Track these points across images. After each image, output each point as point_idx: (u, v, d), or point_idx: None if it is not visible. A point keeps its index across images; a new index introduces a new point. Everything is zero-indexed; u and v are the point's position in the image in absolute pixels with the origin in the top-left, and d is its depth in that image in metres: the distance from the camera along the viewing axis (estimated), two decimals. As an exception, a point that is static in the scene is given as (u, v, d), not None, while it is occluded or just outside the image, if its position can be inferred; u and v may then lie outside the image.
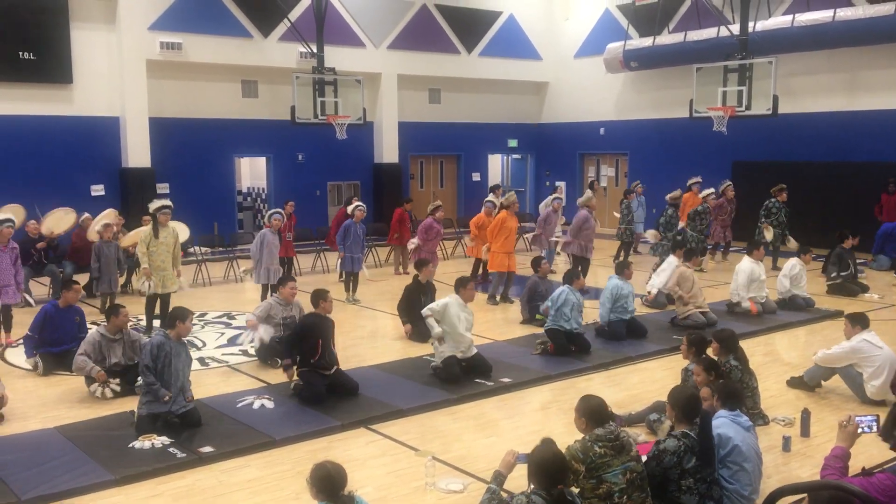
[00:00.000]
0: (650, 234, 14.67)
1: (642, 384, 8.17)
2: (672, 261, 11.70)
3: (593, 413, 4.74)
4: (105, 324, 8.12)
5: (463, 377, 8.06)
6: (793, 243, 14.30)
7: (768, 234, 14.69)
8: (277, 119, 18.20)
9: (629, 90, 21.62)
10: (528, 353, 9.19)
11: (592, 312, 10.54)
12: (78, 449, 6.33)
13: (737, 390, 5.57)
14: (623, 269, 10.27)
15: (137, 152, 17.05)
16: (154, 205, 10.40)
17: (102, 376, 7.71)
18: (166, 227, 10.37)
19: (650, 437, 6.37)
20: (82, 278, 12.73)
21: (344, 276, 13.03)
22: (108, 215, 13.14)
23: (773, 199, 14.91)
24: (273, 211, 12.23)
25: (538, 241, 14.47)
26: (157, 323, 10.46)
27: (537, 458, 4.22)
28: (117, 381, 7.77)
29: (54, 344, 8.60)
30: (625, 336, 9.74)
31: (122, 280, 12.75)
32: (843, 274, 12.85)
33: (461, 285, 8.42)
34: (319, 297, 7.91)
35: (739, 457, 5.09)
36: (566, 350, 9.06)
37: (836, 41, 16.43)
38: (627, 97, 21.69)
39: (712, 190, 15.55)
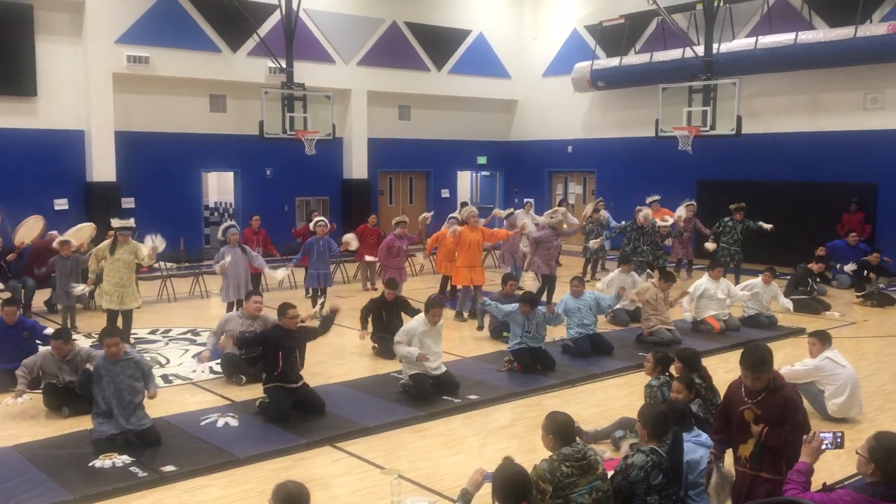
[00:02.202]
0: (592, 243, 15.17)
1: (608, 401, 8.21)
2: (615, 273, 12.12)
3: (560, 430, 4.73)
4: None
5: (432, 394, 8.05)
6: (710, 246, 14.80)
7: (710, 248, 14.91)
8: (245, 134, 18.10)
9: (596, 109, 21.86)
10: (494, 370, 9.20)
11: (558, 330, 10.57)
12: (36, 468, 6.21)
13: (685, 411, 5.63)
14: (570, 283, 10.34)
15: (102, 166, 16.86)
16: (116, 223, 10.28)
17: (20, 391, 7.59)
18: (126, 245, 10.18)
19: (615, 454, 6.40)
20: (46, 293, 12.62)
21: (311, 293, 12.96)
22: (84, 230, 12.95)
23: (727, 218, 15.10)
24: (227, 225, 12.03)
25: (504, 258, 14.52)
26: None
27: (500, 476, 4.22)
28: (29, 396, 7.63)
29: (2, 361, 8.45)
30: (590, 353, 9.79)
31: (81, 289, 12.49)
32: (802, 292, 13.07)
33: (428, 308, 8.34)
34: (279, 311, 7.86)
35: (706, 477, 5.15)
36: (532, 368, 9.09)
37: (797, 63, 16.79)
38: (595, 116, 21.93)
39: (681, 216, 15.73)
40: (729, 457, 5.21)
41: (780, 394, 4.92)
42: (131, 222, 10.46)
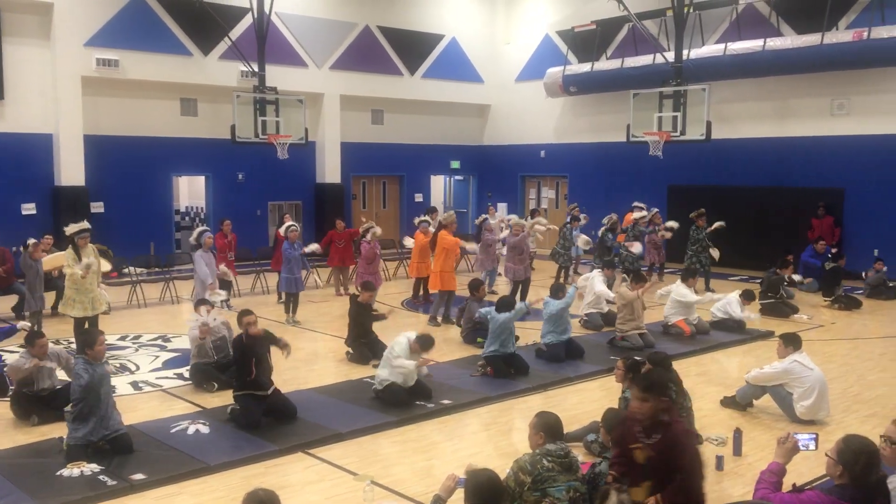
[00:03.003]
0: (581, 241, 15.50)
1: (581, 405, 8.24)
2: (595, 275, 12.26)
3: (549, 428, 4.86)
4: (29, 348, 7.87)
5: (405, 399, 8.03)
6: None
7: (714, 254, 15.00)
8: (217, 138, 17.98)
9: (568, 114, 22.00)
10: (468, 374, 9.20)
11: (534, 333, 10.61)
12: (3, 478, 6.10)
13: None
14: (557, 292, 10.35)
15: (71, 170, 16.65)
16: (71, 229, 9.92)
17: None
18: (87, 249, 10.00)
19: (588, 457, 6.43)
20: (11, 300, 12.43)
21: (284, 298, 12.88)
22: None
23: (694, 226, 15.24)
24: (201, 230, 11.94)
25: (480, 262, 14.56)
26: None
27: (472, 482, 4.24)
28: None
29: None
30: (564, 357, 9.83)
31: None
32: (771, 296, 13.24)
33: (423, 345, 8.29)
34: (237, 319, 7.81)
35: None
36: (505, 373, 9.11)
37: (765, 70, 17.03)
38: (567, 121, 22.06)
39: (644, 213, 15.86)
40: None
41: (670, 432, 4.51)
42: (86, 224, 10.21)
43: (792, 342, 7.79)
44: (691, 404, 7.05)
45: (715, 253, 14.98)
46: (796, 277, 14.21)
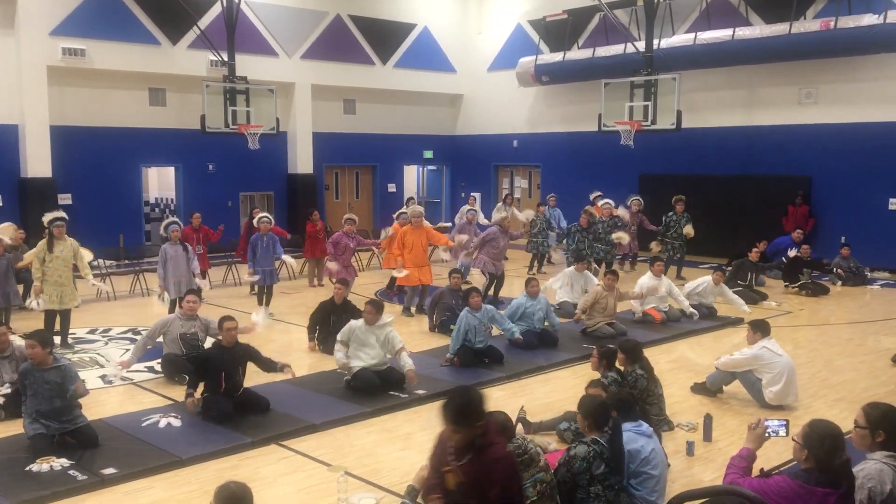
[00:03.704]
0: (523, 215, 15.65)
1: (554, 393, 8.30)
2: (568, 272, 12.35)
3: (501, 428, 4.75)
4: None
5: (379, 389, 8.02)
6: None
7: (655, 248, 15.16)
8: (187, 128, 17.78)
9: (541, 104, 22.04)
10: (439, 364, 9.21)
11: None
12: (-30, 474, 6.02)
13: (631, 401, 5.71)
14: (526, 286, 10.38)
15: (37, 162, 16.37)
16: (47, 217, 9.94)
17: None
18: (63, 241, 9.91)
19: (561, 445, 6.47)
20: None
21: (256, 289, 12.80)
22: (5, 230, 12.54)
23: (671, 212, 15.35)
24: (169, 221, 11.79)
25: (455, 253, 14.53)
26: (56, 339, 10.07)
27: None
28: (7, 385, 7.33)
29: None
30: (536, 346, 9.88)
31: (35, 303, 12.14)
32: (741, 283, 13.39)
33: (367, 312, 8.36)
34: (218, 325, 7.73)
35: (647, 465, 5.24)
36: (473, 363, 9.12)
37: (734, 59, 17.18)
38: (539, 110, 22.10)
39: (606, 201, 15.91)
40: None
41: (486, 455, 4.00)
42: (62, 213, 10.14)
43: (760, 328, 7.89)
44: (662, 391, 7.12)
45: (656, 247, 15.11)
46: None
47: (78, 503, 5.68)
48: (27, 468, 6.11)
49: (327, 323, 10.04)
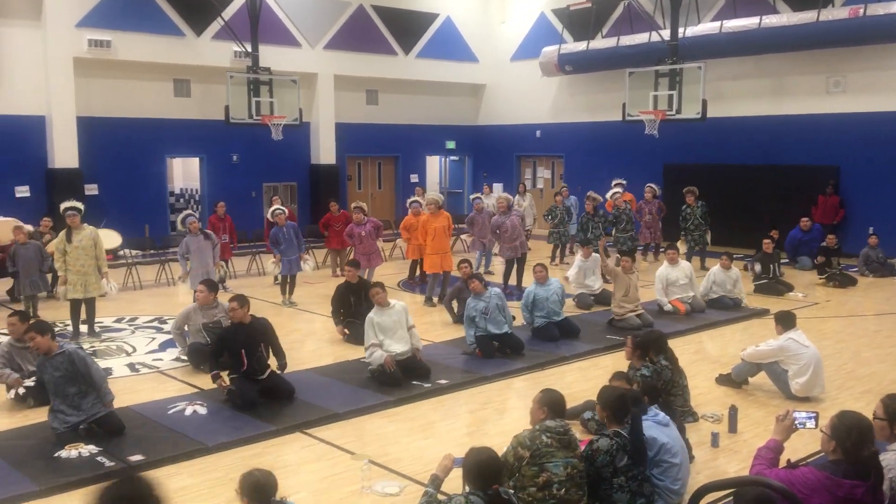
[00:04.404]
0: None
1: (576, 383, 8.27)
2: (578, 259, 12.34)
3: (552, 404, 4.92)
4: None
5: (402, 379, 8.05)
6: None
7: (682, 248, 14.99)
8: (211, 119, 17.88)
9: (564, 93, 21.92)
10: (460, 353, 9.21)
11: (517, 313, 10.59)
12: (1, 459, 6.11)
13: (656, 388, 5.73)
14: (533, 272, 10.31)
15: (64, 152, 16.56)
16: (62, 207, 10.07)
17: (17, 381, 7.45)
18: (81, 230, 9.98)
19: (584, 435, 6.46)
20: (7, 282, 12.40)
21: (279, 279, 12.87)
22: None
23: (684, 205, 15.23)
24: (185, 213, 11.87)
25: (473, 243, 14.54)
26: (84, 328, 10.21)
27: (472, 460, 4.25)
28: (32, 378, 7.40)
29: None
30: (558, 336, 9.84)
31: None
32: (763, 276, 13.21)
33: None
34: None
35: (668, 454, 5.23)
36: (493, 353, 9.08)
37: (762, 47, 16.97)
38: (562, 100, 21.98)
39: (618, 190, 15.76)
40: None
41: None
42: (77, 203, 10.21)
43: (786, 320, 7.81)
44: (687, 382, 7.08)
45: (682, 247, 14.99)
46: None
47: (106, 489, 5.74)
48: (55, 454, 6.20)
49: (349, 304, 10.10)
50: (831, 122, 16.81)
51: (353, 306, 10.06)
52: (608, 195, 15.75)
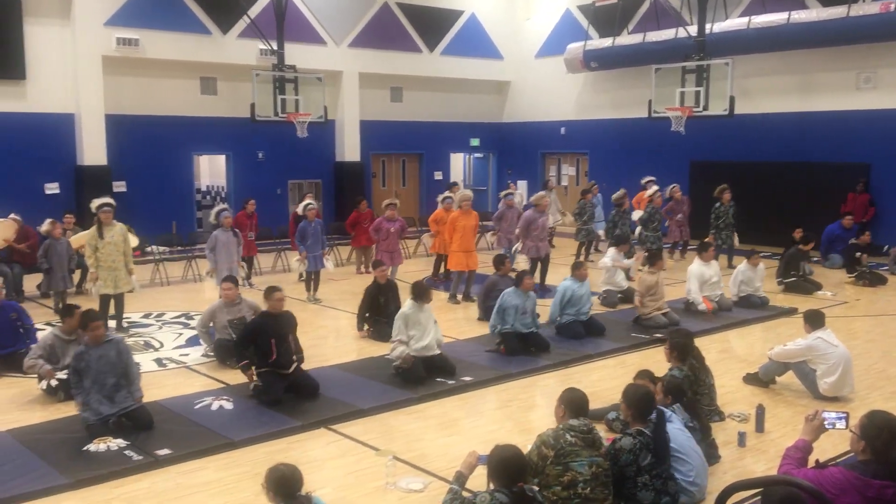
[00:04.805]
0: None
1: (601, 382, 8.23)
2: (612, 253, 12.15)
3: (573, 404, 4.93)
4: (60, 324, 7.97)
5: (426, 376, 8.06)
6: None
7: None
8: (237, 116, 18.02)
9: (589, 90, 21.80)
10: (485, 350, 9.20)
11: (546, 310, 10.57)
12: (30, 452, 6.21)
13: (683, 387, 5.74)
14: (575, 270, 10.27)
15: (93, 150, 16.77)
16: (95, 203, 10.14)
17: (49, 373, 7.56)
18: (112, 226, 10.10)
19: (608, 434, 6.43)
20: (36, 278, 12.56)
21: (304, 276, 12.93)
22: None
23: (718, 203, 15.07)
24: (220, 208, 11.98)
25: (499, 239, 14.50)
26: (112, 323, 10.32)
27: (497, 458, 4.25)
28: (65, 371, 7.48)
29: None
30: (583, 334, 9.79)
31: (77, 278, 12.51)
32: (793, 273, 13.07)
33: (418, 294, 8.36)
34: (265, 295, 7.84)
35: (673, 448, 5.20)
36: (518, 352, 9.05)
37: (790, 43, 16.75)
38: (588, 97, 21.87)
39: (656, 188, 15.66)
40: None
41: None
42: (111, 199, 10.33)
43: (815, 319, 7.72)
44: (714, 381, 7.03)
45: (734, 237, 14.90)
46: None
47: (133, 482, 5.82)
48: (84, 448, 6.28)
49: (377, 305, 10.10)
50: (861, 119, 16.57)
51: (381, 306, 10.07)
52: (648, 193, 15.59)
